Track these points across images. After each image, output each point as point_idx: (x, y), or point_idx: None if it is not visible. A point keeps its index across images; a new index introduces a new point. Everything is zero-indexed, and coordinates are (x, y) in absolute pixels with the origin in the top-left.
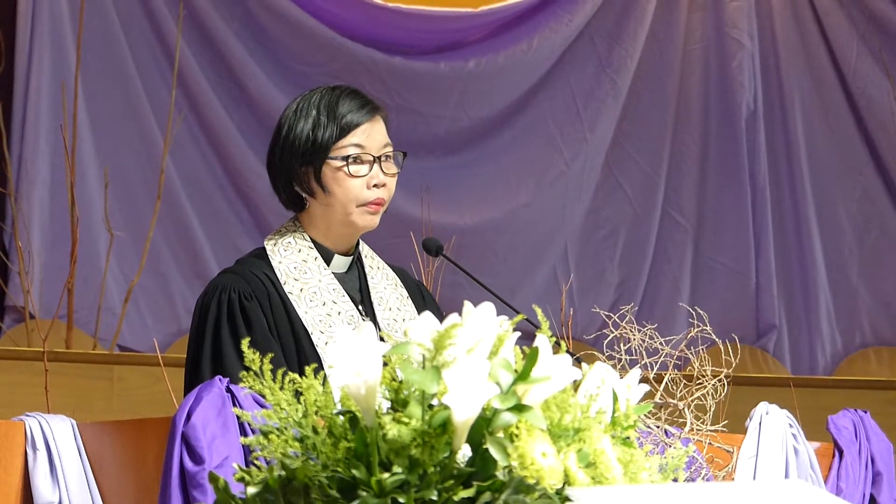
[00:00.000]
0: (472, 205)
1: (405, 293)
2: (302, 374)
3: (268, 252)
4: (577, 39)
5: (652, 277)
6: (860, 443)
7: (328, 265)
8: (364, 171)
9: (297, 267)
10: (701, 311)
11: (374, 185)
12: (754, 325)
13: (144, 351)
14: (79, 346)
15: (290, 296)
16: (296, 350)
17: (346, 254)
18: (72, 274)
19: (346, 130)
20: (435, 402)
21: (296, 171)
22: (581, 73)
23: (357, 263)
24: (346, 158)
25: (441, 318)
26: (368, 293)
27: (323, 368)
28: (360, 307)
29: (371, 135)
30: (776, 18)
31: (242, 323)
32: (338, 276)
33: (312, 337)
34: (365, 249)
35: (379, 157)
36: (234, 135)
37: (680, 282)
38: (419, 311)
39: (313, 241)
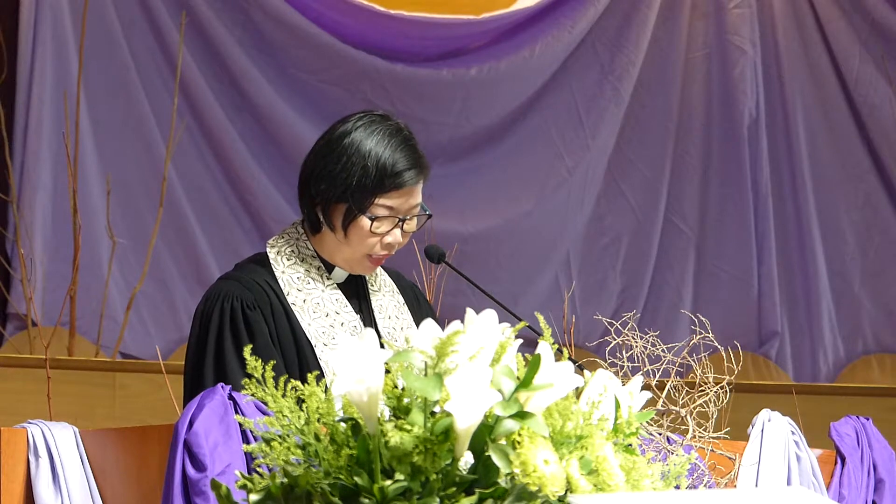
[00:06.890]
0: (474, 212)
1: (401, 300)
2: (304, 384)
3: (270, 260)
4: (580, 47)
5: (654, 284)
6: (862, 450)
7: (330, 275)
8: (384, 229)
9: (300, 277)
10: (703, 319)
11: (388, 243)
12: (756, 333)
13: (147, 358)
14: (81, 353)
15: (293, 307)
16: (298, 361)
17: None
18: (74, 281)
19: (388, 189)
20: (437, 409)
21: (328, 201)
22: (583, 80)
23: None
24: (372, 219)
25: (434, 318)
26: (369, 301)
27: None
28: (360, 315)
29: (407, 199)
30: (778, 26)
31: (245, 333)
32: (339, 285)
33: (316, 349)
34: None
35: (404, 218)
36: (237, 142)
37: (682, 289)
38: (415, 317)
39: (316, 251)
